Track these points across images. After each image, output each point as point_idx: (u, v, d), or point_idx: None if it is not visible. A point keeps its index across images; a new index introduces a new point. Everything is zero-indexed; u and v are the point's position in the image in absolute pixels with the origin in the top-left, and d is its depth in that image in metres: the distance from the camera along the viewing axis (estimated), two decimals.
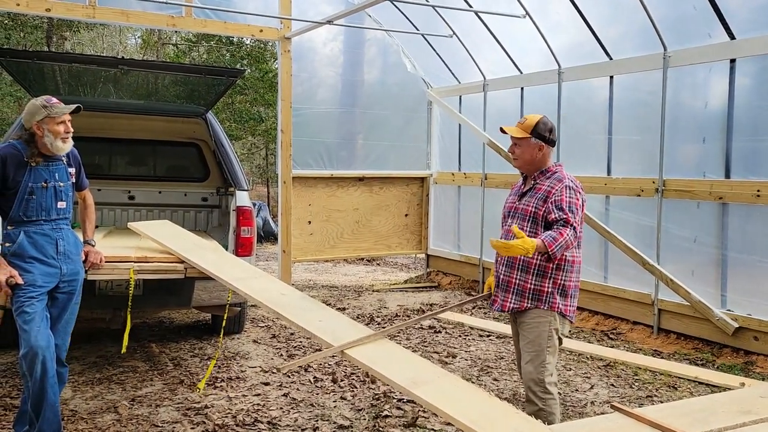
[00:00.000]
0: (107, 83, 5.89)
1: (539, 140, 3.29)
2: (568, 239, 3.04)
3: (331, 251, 8.52)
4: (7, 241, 3.43)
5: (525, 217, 3.26)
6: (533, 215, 3.23)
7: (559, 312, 3.22)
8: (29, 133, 3.46)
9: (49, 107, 3.44)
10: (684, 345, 5.71)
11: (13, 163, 3.40)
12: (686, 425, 2.72)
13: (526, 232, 3.17)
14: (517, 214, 3.31)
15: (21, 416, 3.42)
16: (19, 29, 16.08)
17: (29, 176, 3.43)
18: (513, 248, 2.94)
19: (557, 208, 3.14)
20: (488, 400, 2.67)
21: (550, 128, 3.34)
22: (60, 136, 3.45)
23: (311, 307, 3.66)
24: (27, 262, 3.40)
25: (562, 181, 3.24)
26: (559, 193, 3.18)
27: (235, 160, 5.97)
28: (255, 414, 4.09)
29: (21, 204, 3.42)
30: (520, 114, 7.65)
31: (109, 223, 6.65)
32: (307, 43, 8.20)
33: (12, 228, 3.44)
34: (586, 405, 4.36)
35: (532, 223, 3.23)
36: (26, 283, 3.35)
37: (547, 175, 3.31)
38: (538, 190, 3.26)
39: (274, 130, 16.04)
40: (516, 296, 3.27)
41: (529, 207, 3.26)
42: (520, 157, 3.34)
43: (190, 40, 19.12)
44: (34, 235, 3.44)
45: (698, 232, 5.76)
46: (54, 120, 3.42)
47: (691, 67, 5.81)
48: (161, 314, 6.62)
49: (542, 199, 3.21)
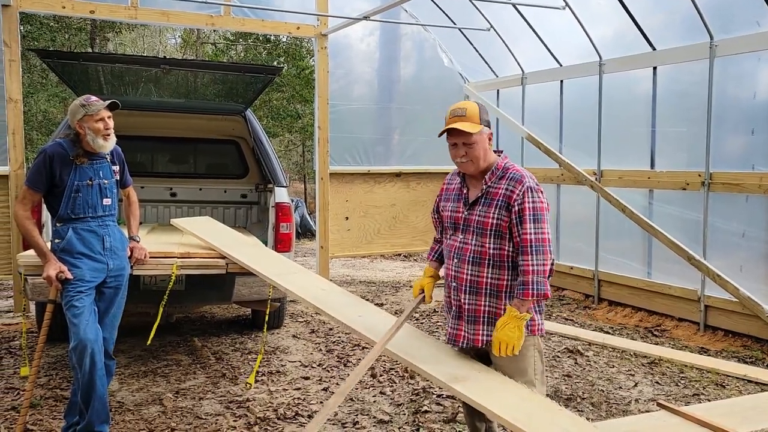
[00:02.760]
0: (148, 83, 6.00)
1: (488, 128, 2.78)
2: (537, 269, 2.63)
3: (368, 247, 8.54)
4: (56, 238, 3.53)
5: (485, 232, 2.75)
6: (496, 228, 2.73)
7: (540, 333, 2.81)
8: (75, 132, 3.54)
9: (87, 105, 3.50)
10: (732, 342, 5.56)
11: (60, 162, 3.48)
12: (736, 424, 2.64)
13: (490, 249, 2.74)
14: (472, 227, 2.79)
15: (71, 407, 3.51)
16: (64, 31, 16.54)
17: (75, 174, 3.51)
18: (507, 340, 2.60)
19: (519, 220, 2.67)
20: (530, 396, 2.64)
21: (485, 108, 2.83)
22: (100, 134, 3.50)
23: (351, 302, 3.67)
24: (75, 257, 3.48)
25: (522, 182, 2.72)
26: (520, 199, 2.68)
27: (274, 156, 6.02)
28: (296, 408, 4.13)
29: (68, 202, 3.49)
30: (560, 107, 7.55)
31: (152, 220, 6.79)
32: (343, 40, 8.21)
33: (61, 225, 3.52)
34: (630, 403, 4.27)
35: (496, 237, 2.74)
36: (75, 278, 3.44)
37: (499, 175, 2.78)
38: (495, 196, 2.74)
39: (311, 127, 16.16)
40: (488, 326, 2.79)
41: (488, 219, 2.73)
42: (475, 157, 2.75)
43: (228, 39, 19.38)
44: (81, 232, 3.52)
45: (747, 227, 5.59)
46: (92, 117, 3.48)
47: (739, 56, 5.63)
48: (203, 309, 6.73)
49: (504, 208, 2.71)
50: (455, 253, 2.84)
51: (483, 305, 2.79)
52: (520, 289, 2.66)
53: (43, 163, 3.47)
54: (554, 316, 6.64)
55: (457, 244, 2.85)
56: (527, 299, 2.64)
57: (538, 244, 2.64)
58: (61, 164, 3.48)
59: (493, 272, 2.76)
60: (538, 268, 2.63)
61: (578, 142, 7.31)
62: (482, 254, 2.75)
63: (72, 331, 3.36)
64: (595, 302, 7.03)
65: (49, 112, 16.53)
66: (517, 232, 2.69)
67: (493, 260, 2.75)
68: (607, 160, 6.93)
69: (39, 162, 3.49)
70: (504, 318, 2.67)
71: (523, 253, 2.66)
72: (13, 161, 6.40)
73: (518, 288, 2.67)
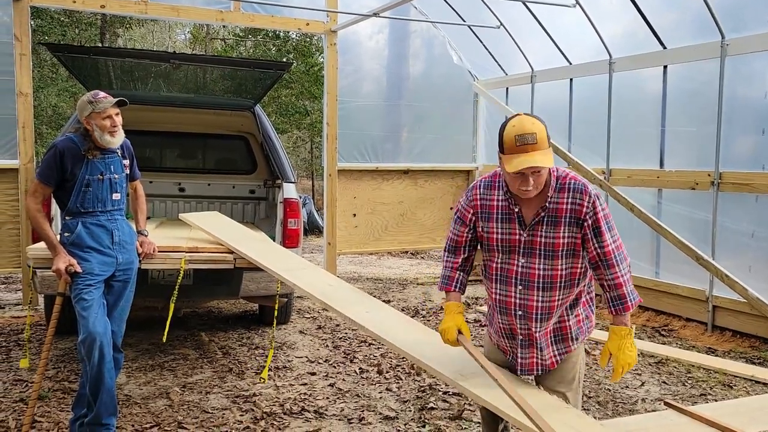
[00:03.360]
0: (158, 78, 6.02)
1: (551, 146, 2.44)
2: (627, 278, 2.47)
3: (376, 244, 8.54)
4: (65, 231, 3.54)
5: (556, 254, 2.48)
6: (568, 248, 2.48)
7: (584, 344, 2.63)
8: (84, 129, 3.56)
9: (94, 102, 3.50)
10: (740, 343, 5.53)
11: (71, 156, 3.49)
12: (744, 424, 2.63)
13: (562, 270, 2.49)
14: (537, 250, 2.49)
15: (79, 399, 3.53)
16: (75, 26, 16.62)
17: (86, 169, 3.52)
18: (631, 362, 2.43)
19: (595, 233, 2.43)
20: (538, 394, 2.63)
21: None
22: (107, 131, 3.51)
23: (358, 298, 3.68)
24: (85, 251, 3.49)
25: (587, 191, 2.44)
26: (592, 212, 2.42)
27: (283, 152, 6.03)
28: (302, 403, 4.14)
29: (78, 196, 3.50)
30: (569, 106, 7.52)
31: (160, 214, 6.82)
32: (352, 37, 8.21)
33: (70, 219, 3.54)
34: (636, 402, 4.26)
35: (568, 257, 2.49)
36: (84, 271, 3.45)
37: (557, 187, 2.46)
38: (560, 213, 2.45)
39: (319, 124, 16.18)
40: (558, 344, 2.62)
41: (559, 239, 2.46)
42: (542, 184, 2.42)
43: (237, 35, 19.41)
44: (90, 226, 3.53)
45: (756, 227, 5.56)
46: (99, 115, 3.49)
47: (750, 55, 5.59)
48: (210, 304, 6.76)
49: (574, 224, 2.45)
50: (517, 279, 2.55)
51: (550, 326, 2.60)
52: (618, 305, 2.49)
53: (54, 158, 3.48)
54: None
55: (516, 268, 2.54)
56: (628, 312, 2.48)
57: (620, 252, 2.47)
58: (72, 159, 3.49)
59: (564, 293, 2.55)
60: (627, 277, 2.49)
61: (587, 140, 7.29)
62: (553, 278, 2.50)
63: (81, 323, 3.38)
64: (602, 302, 7.00)
65: (59, 106, 16.62)
66: (593, 245, 2.45)
67: (564, 281, 2.52)
68: (616, 159, 6.90)
69: (50, 156, 3.50)
70: (616, 341, 2.47)
71: (609, 267, 2.46)
72: (23, 155, 6.44)
73: (615, 304, 2.50)
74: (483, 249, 2.66)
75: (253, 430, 3.73)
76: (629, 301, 2.47)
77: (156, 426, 3.75)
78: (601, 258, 2.45)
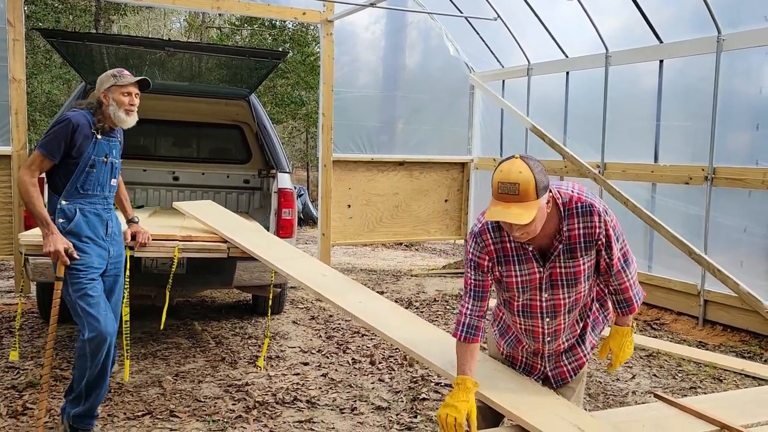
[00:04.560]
0: (152, 66, 5.98)
1: (545, 193, 2.24)
2: (634, 281, 2.50)
3: (370, 235, 8.55)
4: (61, 217, 3.27)
5: (578, 280, 2.44)
6: (589, 271, 2.45)
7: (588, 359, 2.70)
8: (97, 102, 3.39)
9: (118, 76, 3.38)
10: (730, 337, 5.57)
11: (82, 133, 3.27)
12: (733, 417, 2.64)
13: (584, 290, 2.47)
14: (560, 281, 2.44)
15: (72, 390, 3.43)
16: (69, 12, 16.48)
17: (93, 148, 3.32)
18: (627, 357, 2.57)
19: (606, 247, 2.40)
20: (530, 385, 2.64)
21: (540, 168, 2.25)
22: (124, 107, 3.35)
23: (352, 288, 3.68)
24: (83, 242, 3.30)
25: (594, 211, 2.36)
26: (602, 229, 2.36)
27: (278, 142, 6.01)
28: (294, 392, 4.15)
29: (80, 176, 3.29)
30: (565, 99, 7.52)
31: (154, 203, 6.80)
32: (348, 27, 8.18)
33: (66, 203, 3.29)
34: (627, 394, 4.29)
35: (589, 279, 2.48)
36: (85, 264, 3.27)
37: (568, 214, 2.37)
38: (574, 240, 2.38)
39: (314, 114, 16.13)
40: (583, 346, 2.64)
41: (579, 267, 2.41)
42: (533, 232, 2.28)
43: (233, 23, 19.30)
44: (88, 214, 3.34)
45: (749, 222, 5.59)
46: (120, 89, 3.35)
47: (746, 51, 5.60)
48: (203, 293, 6.76)
49: (590, 248, 2.40)
50: (543, 312, 2.51)
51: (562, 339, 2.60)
52: (624, 307, 2.54)
53: (66, 131, 3.23)
54: None
55: (540, 303, 2.49)
56: (634, 313, 2.57)
57: (626, 257, 2.48)
58: (83, 136, 3.27)
59: (584, 308, 2.59)
60: (634, 280, 2.52)
61: (583, 134, 7.30)
62: (577, 300, 2.51)
63: (88, 321, 3.21)
64: None
65: (52, 93, 16.51)
66: (606, 258, 2.44)
67: (585, 296, 2.54)
68: (611, 153, 6.91)
69: (61, 128, 3.25)
70: (618, 340, 2.58)
71: (616, 274, 2.47)
72: (16, 141, 6.40)
73: (621, 306, 2.55)
74: (501, 289, 2.57)
75: (245, 419, 3.74)
76: (635, 303, 2.52)
77: (148, 414, 3.76)
78: (609, 267, 2.44)
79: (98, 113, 3.37)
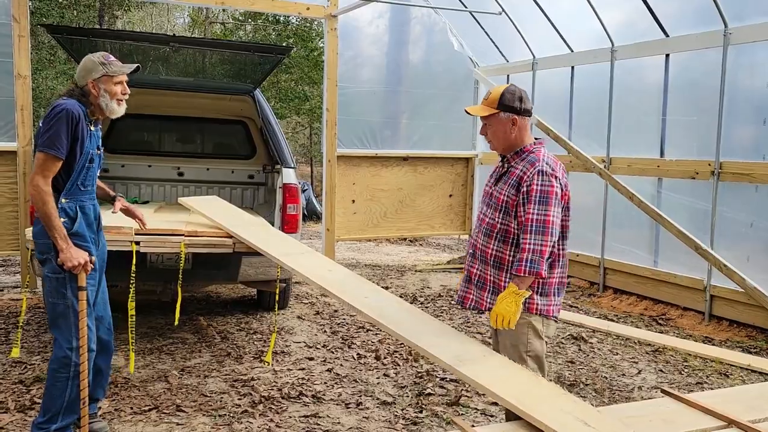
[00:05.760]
0: (157, 62, 5.98)
1: (510, 113, 2.86)
2: (534, 248, 2.69)
3: (374, 230, 8.54)
4: (63, 216, 3.06)
5: (498, 208, 2.87)
6: (505, 205, 2.84)
7: (539, 313, 2.85)
8: (82, 90, 3.12)
9: (108, 65, 3.12)
10: (737, 332, 5.56)
11: (81, 125, 3.05)
12: (740, 412, 2.64)
13: (499, 223, 2.86)
14: (491, 202, 2.92)
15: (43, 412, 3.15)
16: (73, 8, 16.49)
17: (90, 141, 3.11)
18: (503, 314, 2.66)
19: (525, 201, 2.76)
20: (534, 380, 2.64)
21: (520, 96, 2.87)
22: (116, 97, 3.14)
23: (357, 284, 3.68)
24: (87, 242, 3.13)
25: (535, 165, 2.80)
26: (530, 181, 2.77)
27: (282, 137, 6.00)
28: (300, 387, 4.16)
29: (82, 172, 3.10)
30: (570, 94, 7.50)
31: (159, 198, 6.80)
32: (352, 22, 8.15)
33: (67, 201, 3.09)
34: (633, 390, 4.28)
35: (504, 214, 2.85)
36: None
37: (522, 156, 2.88)
38: (512, 175, 2.85)
39: (318, 109, 16.12)
40: (492, 295, 2.90)
41: (501, 195, 2.86)
42: (494, 137, 2.93)
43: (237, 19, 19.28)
44: (87, 211, 3.18)
45: (755, 217, 5.56)
46: (112, 79, 3.11)
47: (753, 45, 5.57)
48: (208, 289, 6.77)
49: (515, 187, 2.82)
50: (478, 223, 3.03)
51: (489, 275, 2.92)
52: (516, 266, 2.75)
53: (68, 123, 2.98)
54: None
55: (480, 215, 3.01)
56: (520, 275, 2.72)
57: (539, 225, 2.72)
58: (83, 127, 3.05)
59: (498, 245, 2.89)
60: (535, 247, 2.71)
61: (588, 129, 7.27)
62: (492, 227, 2.88)
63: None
64: (600, 290, 7.02)
65: (57, 89, 16.52)
66: (522, 211, 2.78)
67: (500, 234, 2.88)
68: (616, 148, 6.89)
69: (60, 122, 2.97)
70: (503, 293, 2.75)
71: (523, 232, 2.76)
72: (22, 137, 6.41)
73: (515, 265, 2.76)
74: None
75: (251, 413, 3.74)
76: (523, 266, 2.72)
77: (155, 409, 3.77)
78: (522, 223, 2.78)
79: (86, 102, 3.12)
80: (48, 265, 3.09)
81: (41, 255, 3.12)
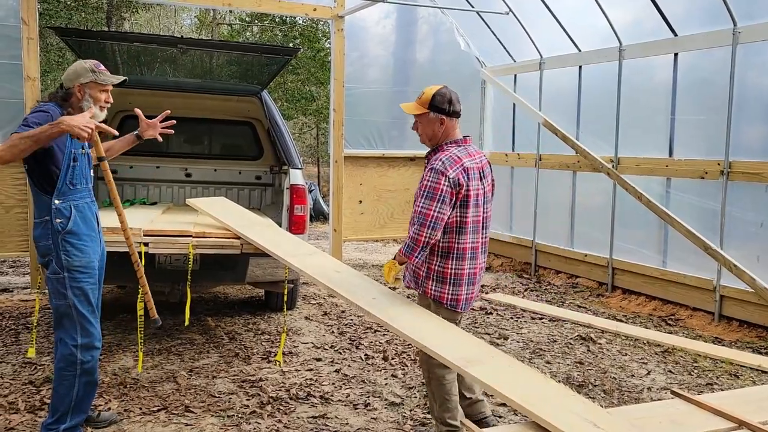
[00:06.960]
0: (164, 63, 6.00)
1: (438, 113, 3.18)
2: (413, 236, 3.08)
3: (381, 231, 8.53)
4: (58, 217, 3.12)
5: (416, 195, 3.20)
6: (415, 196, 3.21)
7: (432, 298, 3.22)
8: (66, 92, 3.22)
9: (98, 73, 3.25)
10: (747, 333, 5.52)
11: None
12: (750, 413, 2.62)
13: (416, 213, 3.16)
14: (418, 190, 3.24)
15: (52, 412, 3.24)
16: (81, 10, 16.57)
17: (70, 141, 3.15)
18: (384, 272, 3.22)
19: (417, 194, 3.12)
20: (543, 381, 2.63)
21: (449, 99, 3.19)
22: (99, 104, 3.25)
23: (365, 285, 3.67)
24: (83, 240, 3.19)
25: (430, 166, 3.13)
26: (422, 177, 3.13)
27: (289, 138, 6.01)
28: (308, 388, 4.16)
29: (68, 171, 3.15)
30: (578, 93, 7.48)
31: (166, 199, 6.83)
32: (359, 22, 8.15)
33: (60, 202, 3.14)
34: (642, 390, 4.26)
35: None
36: (86, 266, 3.19)
37: (436, 154, 3.21)
38: (425, 169, 3.20)
39: (325, 110, 16.14)
40: (410, 276, 3.35)
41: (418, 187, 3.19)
42: (423, 134, 3.27)
43: (243, 20, 19.33)
44: (82, 209, 3.23)
45: (765, 217, 5.52)
46: (99, 86, 3.24)
47: (763, 43, 5.53)
48: (216, 289, 6.78)
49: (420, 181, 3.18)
50: None
51: None
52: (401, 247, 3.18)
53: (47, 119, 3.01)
54: (567, 303, 6.62)
55: None
56: (400, 255, 3.17)
57: (420, 217, 3.06)
58: None
59: None
60: (413, 235, 3.08)
61: (596, 128, 7.24)
62: (414, 213, 3.18)
63: (84, 326, 3.16)
64: (608, 290, 6.99)
65: None
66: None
67: None
68: (624, 148, 6.86)
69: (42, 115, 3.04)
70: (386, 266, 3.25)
71: (410, 221, 3.14)
72: None
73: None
74: None
75: (259, 414, 3.75)
76: (403, 249, 3.15)
77: (164, 409, 3.78)
78: None
79: (66, 105, 3.21)
80: (49, 267, 3.17)
81: (42, 258, 3.22)
